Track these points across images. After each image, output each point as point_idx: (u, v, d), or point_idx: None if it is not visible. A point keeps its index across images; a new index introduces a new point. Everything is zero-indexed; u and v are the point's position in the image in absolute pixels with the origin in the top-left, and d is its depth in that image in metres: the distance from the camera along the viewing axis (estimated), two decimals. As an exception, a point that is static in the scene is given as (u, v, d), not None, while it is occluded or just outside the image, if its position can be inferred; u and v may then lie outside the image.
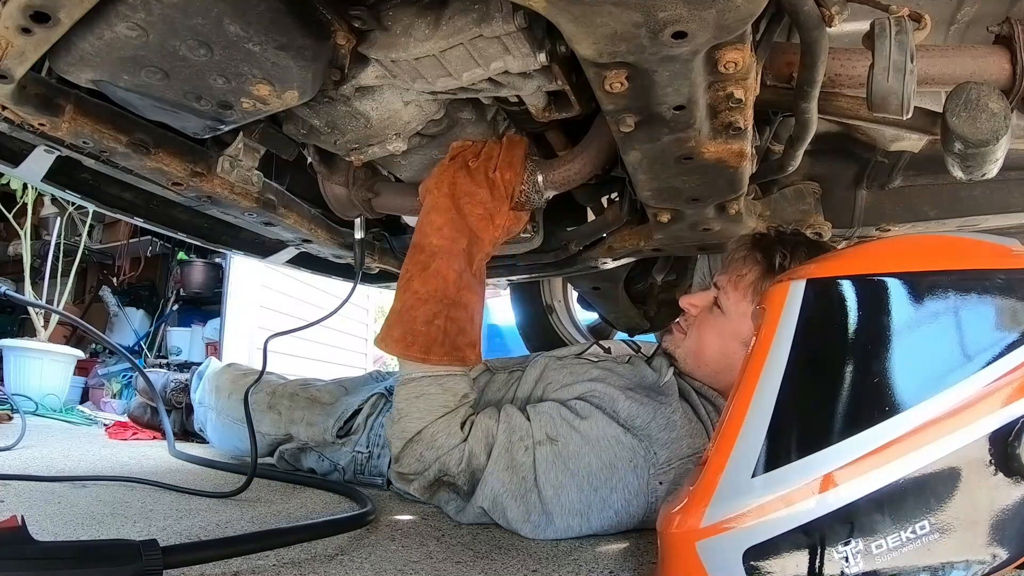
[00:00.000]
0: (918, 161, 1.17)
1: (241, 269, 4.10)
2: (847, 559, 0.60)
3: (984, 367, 0.63)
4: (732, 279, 1.11)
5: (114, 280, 4.48)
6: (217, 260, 4.21)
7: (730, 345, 1.11)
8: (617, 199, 1.24)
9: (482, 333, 1.10)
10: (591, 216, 1.40)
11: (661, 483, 0.99)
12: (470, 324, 1.04)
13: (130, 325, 4.30)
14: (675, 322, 1.23)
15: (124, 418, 2.49)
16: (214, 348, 4.01)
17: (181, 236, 1.39)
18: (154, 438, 2.17)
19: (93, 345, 4.09)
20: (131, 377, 3.45)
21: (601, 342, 1.34)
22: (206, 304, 4.36)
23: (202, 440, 1.90)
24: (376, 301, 5.78)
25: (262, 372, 1.43)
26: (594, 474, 0.99)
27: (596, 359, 1.24)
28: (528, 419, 1.04)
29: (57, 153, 0.97)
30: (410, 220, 1.43)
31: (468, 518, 1.06)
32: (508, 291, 2.64)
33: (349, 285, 1.47)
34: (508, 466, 1.00)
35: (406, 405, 1.03)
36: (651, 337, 2.18)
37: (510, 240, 1.20)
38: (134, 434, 2.20)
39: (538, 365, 1.25)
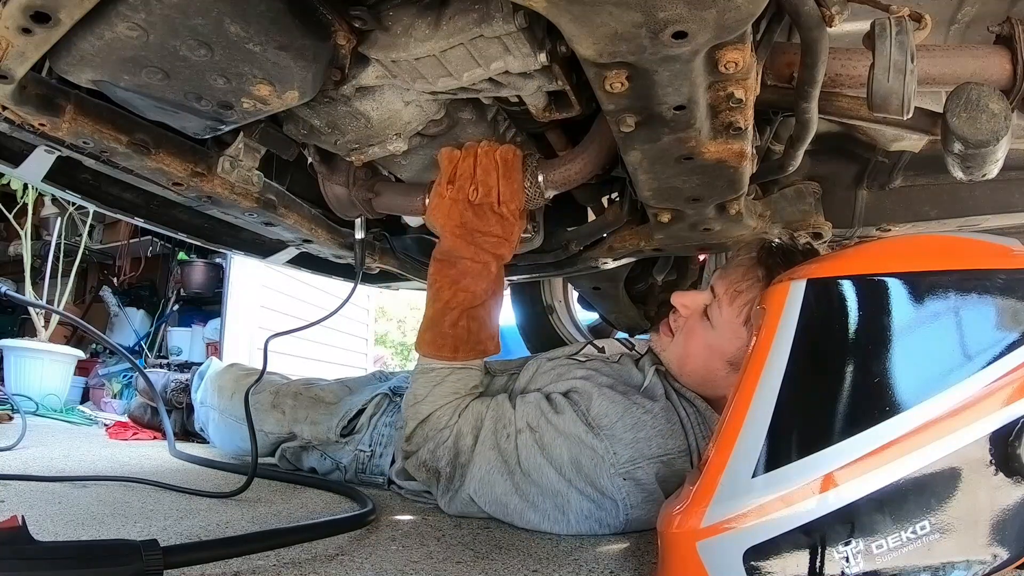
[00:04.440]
0: (918, 161, 1.17)
1: (241, 269, 4.10)
2: (847, 559, 0.60)
3: (984, 367, 0.63)
4: (729, 292, 1.07)
5: (114, 280, 4.48)
6: (217, 260, 4.21)
7: (714, 362, 1.08)
8: (617, 199, 1.24)
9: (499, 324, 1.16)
10: (591, 216, 1.40)
11: (625, 480, 0.99)
12: (489, 318, 1.11)
13: (130, 325, 4.30)
14: (664, 320, 1.21)
15: (124, 418, 2.49)
16: (215, 348, 4.01)
17: (182, 236, 1.39)
18: (154, 438, 2.17)
19: (93, 345, 4.10)
20: (131, 377, 3.45)
21: (595, 341, 1.35)
22: (206, 304, 4.36)
23: (202, 440, 1.90)
24: (376, 301, 5.78)
25: (263, 372, 1.43)
26: (565, 465, 1.02)
27: (586, 359, 1.24)
28: (513, 407, 1.10)
29: (57, 153, 0.97)
30: (411, 220, 1.43)
31: (456, 508, 1.10)
32: (508, 291, 2.64)
33: (349, 285, 1.47)
34: (494, 446, 1.06)
35: (425, 391, 1.11)
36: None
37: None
38: (134, 434, 2.21)
39: (530, 368, 1.27)
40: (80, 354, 3.43)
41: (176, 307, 4.38)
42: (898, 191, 1.25)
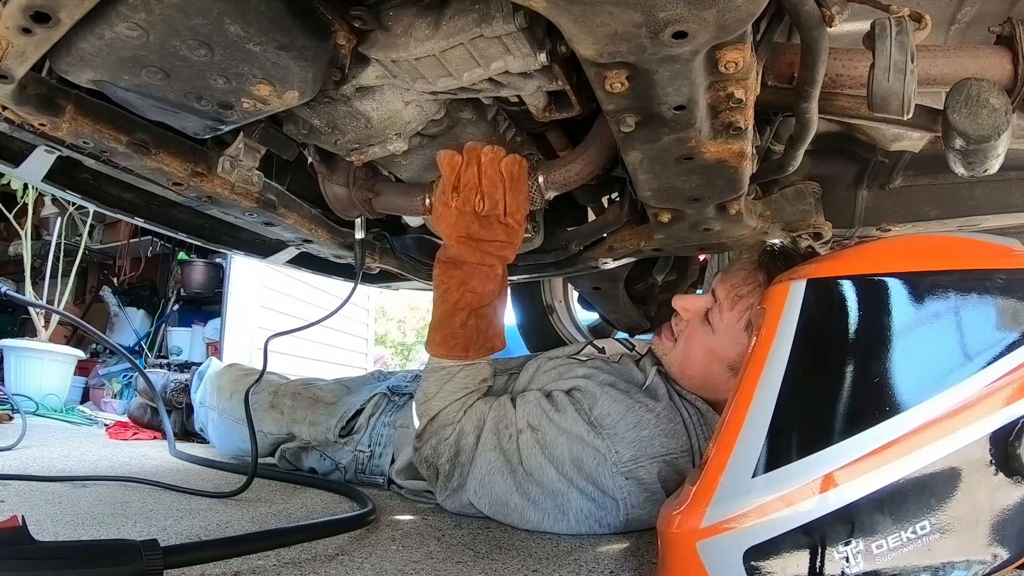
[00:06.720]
0: (919, 161, 1.17)
1: (241, 269, 4.11)
2: (848, 559, 0.60)
3: (984, 367, 0.63)
4: (730, 297, 1.08)
5: (114, 280, 4.48)
6: (217, 260, 4.21)
7: (714, 366, 1.09)
8: (618, 199, 1.24)
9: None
10: (592, 216, 1.40)
11: (627, 479, 0.99)
12: (495, 316, 1.13)
13: (130, 325, 4.30)
14: (667, 324, 1.21)
15: (124, 418, 2.49)
16: (215, 348, 4.01)
17: (182, 236, 1.39)
18: (154, 438, 2.17)
19: (93, 345, 4.10)
20: (131, 377, 3.45)
21: (596, 342, 1.35)
22: (206, 304, 4.36)
23: (202, 440, 1.90)
24: (376, 301, 5.78)
25: (263, 372, 1.43)
26: (566, 464, 1.02)
27: (587, 359, 1.25)
28: (515, 408, 1.10)
29: (57, 153, 0.97)
30: (411, 220, 1.43)
31: (453, 506, 1.11)
32: (508, 291, 2.64)
33: (349, 285, 1.46)
34: (495, 447, 1.07)
35: (435, 388, 1.11)
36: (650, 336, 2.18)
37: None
38: (134, 434, 2.21)
39: (530, 368, 1.27)
40: (80, 354, 3.43)
41: (176, 307, 4.38)
42: (898, 191, 1.25)
